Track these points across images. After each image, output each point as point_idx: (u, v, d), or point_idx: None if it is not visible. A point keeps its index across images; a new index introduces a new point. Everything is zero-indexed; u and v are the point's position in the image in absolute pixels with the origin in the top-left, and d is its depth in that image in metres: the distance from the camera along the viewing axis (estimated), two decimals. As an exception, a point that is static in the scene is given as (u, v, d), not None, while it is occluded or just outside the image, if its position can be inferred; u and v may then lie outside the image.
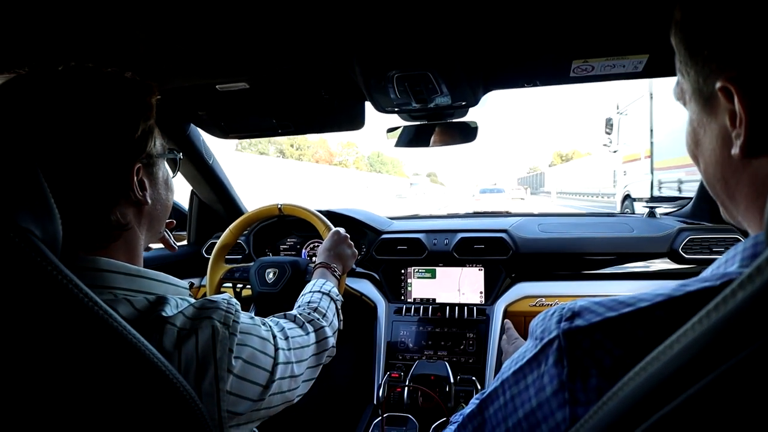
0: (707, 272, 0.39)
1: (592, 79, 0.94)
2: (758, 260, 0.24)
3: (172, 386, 0.44)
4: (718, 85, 0.36)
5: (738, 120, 0.35)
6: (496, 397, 0.45)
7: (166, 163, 0.69)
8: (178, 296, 0.57)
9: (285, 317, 0.78)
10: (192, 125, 1.44)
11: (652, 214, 1.66)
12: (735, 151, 0.36)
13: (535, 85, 1.01)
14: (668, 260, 1.40)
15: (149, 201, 0.61)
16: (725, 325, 0.24)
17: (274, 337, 0.64)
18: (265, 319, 0.68)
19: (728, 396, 0.23)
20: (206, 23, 0.77)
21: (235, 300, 0.60)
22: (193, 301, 0.57)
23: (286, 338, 0.68)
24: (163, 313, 0.52)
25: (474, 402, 0.50)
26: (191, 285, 1.61)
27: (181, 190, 1.71)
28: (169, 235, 0.79)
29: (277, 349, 0.63)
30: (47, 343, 0.38)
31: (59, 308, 0.38)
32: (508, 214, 1.94)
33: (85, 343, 0.39)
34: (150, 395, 0.42)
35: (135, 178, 0.57)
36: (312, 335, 0.78)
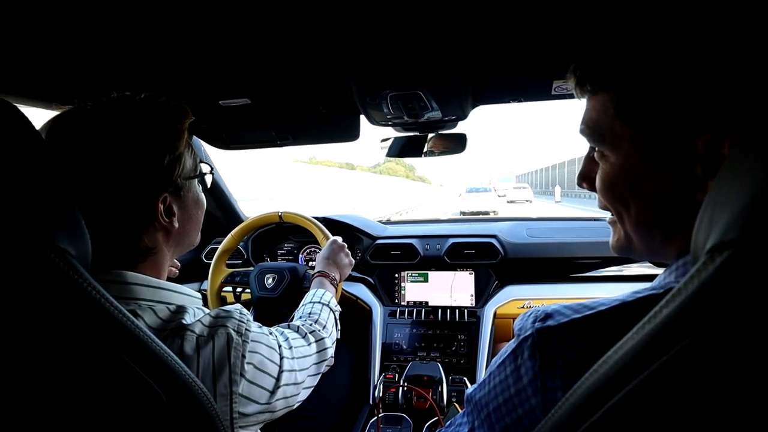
0: (656, 282, 0.46)
1: (573, 97, 1.00)
2: (685, 278, 0.30)
3: (191, 388, 0.50)
4: None
5: None
6: (483, 385, 0.52)
7: (196, 181, 0.71)
8: (194, 306, 0.63)
9: (289, 327, 0.83)
10: (193, 136, 1.49)
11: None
12: None
13: (520, 101, 1.07)
14: (648, 263, 1.47)
15: (176, 225, 0.65)
16: (659, 331, 0.30)
17: (280, 346, 0.69)
18: (272, 329, 0.73)
19: (658, 389, 0.28)
20: (212, 46, 0.83)
21: (246, 311, 0.66)
22: (208, 310, 0.63)
23: (290, 348, 0.73)
24: (184, 321, 0.57)
25: (467, 393, 0.56)
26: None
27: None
28: None
29: (282, 357, 0.68)
30: (79, 348, 0.43)
31: (91, 318, 0.43)
32: (493, 218, 2.02)
33: (113, 348, 0.45)
34: (171, 396, 0.48)
35: (161, 207, 0.61)
36: (313, 345, 0.82)
